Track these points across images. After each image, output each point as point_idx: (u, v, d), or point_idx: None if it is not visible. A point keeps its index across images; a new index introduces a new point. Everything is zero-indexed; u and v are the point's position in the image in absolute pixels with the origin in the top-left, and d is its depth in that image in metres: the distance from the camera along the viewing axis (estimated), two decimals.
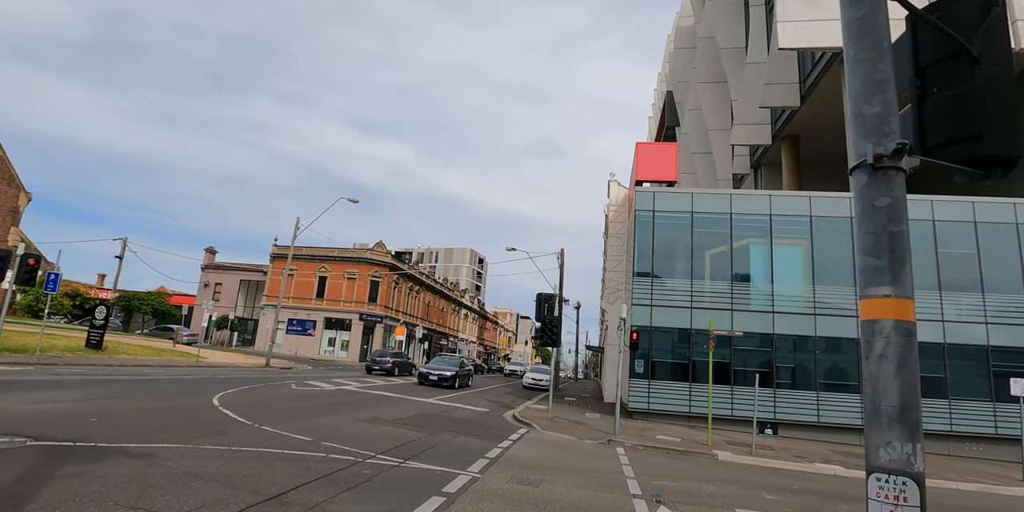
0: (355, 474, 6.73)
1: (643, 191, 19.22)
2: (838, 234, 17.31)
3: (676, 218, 18.65)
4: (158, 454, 6.65)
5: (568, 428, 14.54)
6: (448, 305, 73.13)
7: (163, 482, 5.55)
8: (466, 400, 19.65)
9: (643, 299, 18.33)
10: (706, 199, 18.82)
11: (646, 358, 18.02)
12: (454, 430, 11.71)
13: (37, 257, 17.51)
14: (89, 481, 5.34)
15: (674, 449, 12.50)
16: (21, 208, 35.15)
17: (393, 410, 13.95)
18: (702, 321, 17.19)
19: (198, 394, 12.84)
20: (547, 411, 17.88)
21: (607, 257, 31.84)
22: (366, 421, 11.43)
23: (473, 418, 14.58)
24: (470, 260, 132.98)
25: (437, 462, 8.00)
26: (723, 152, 29.41)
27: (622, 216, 29.01)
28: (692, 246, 18.25)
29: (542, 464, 8.98)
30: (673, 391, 17.82)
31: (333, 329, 50.31)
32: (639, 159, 20.25)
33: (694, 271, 18.12)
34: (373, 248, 52.79)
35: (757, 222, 18.04)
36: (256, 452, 7.32)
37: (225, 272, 56.24)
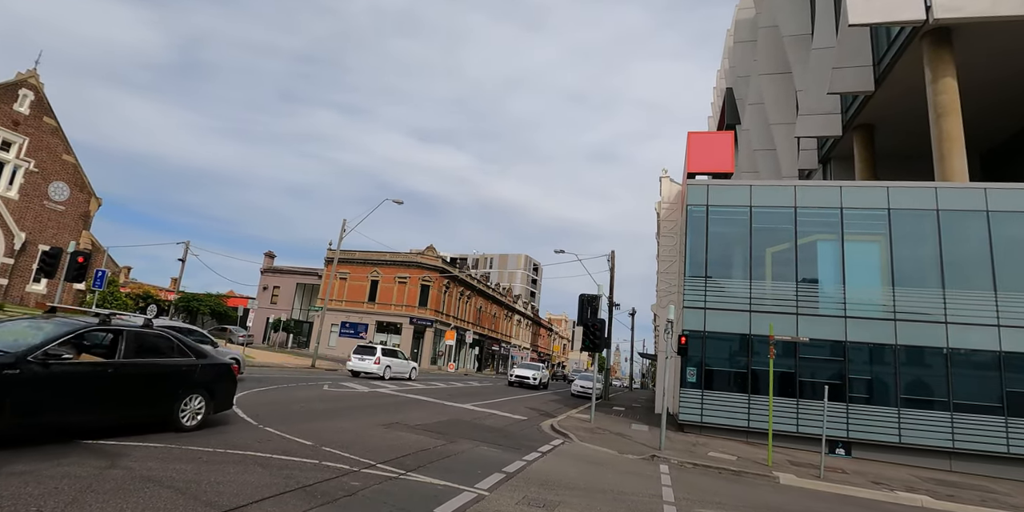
0: (339, 486, 5.87)
1: (696, 184, 17.70)
2: (922, 229, 15.25)
3: (733, 213, 17.02)
4: (130, 454, 6.02)
5: (609, 440, 13.27)
6: (501, 311, 72.46)
7: (111, 486, 4.86)
8: (505, 406, 18.66)
9: (696, 302, 16.80)
10: (766, 192, 17.10)
11: (699, 366, 16.46)
12: (479, 439, 10.74)
13: (86, 254, 17.88)
14: (31, 482, 4.72)
15: (727, 469, 11.03)
16: (92, 213, 37.09)
17: (420, 415, 13.13)
18: (763, 326, 15.51)
19: None
20: (589, 421, 16.62)
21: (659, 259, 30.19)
22: (383, 426, 10.64)
23: (505, 426, 13.56)
24: (524, 266, 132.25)
25: (443, 475, 7.04)
26: (788, 147, 27.28)
27: (674, 214, 27.36)
28: (751, 243, 16.57)
29: (566, 483, 7.85)
30: (730, 403, 16.18)
31: (384, 332, 50.53)
32: (691, 150, 18.73)
33: (753, 271, 16.43)
34: (423, 252, 52.84)
35: (826, 216, 16.17)
36: (241, 456, 6.60)
37: (283, 275, 57.78)
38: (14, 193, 32.95)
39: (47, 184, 34.66)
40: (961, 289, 14.82)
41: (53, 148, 34.96)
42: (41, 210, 34.34)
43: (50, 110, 34.83)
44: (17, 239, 32.56)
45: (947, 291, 14.87)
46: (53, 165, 34.94)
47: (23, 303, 32.92)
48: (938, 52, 16.46)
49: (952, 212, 15.22)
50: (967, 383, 14.53)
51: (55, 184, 35.13)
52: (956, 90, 16.30)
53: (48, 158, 34.64)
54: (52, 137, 34.87)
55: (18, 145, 33.09)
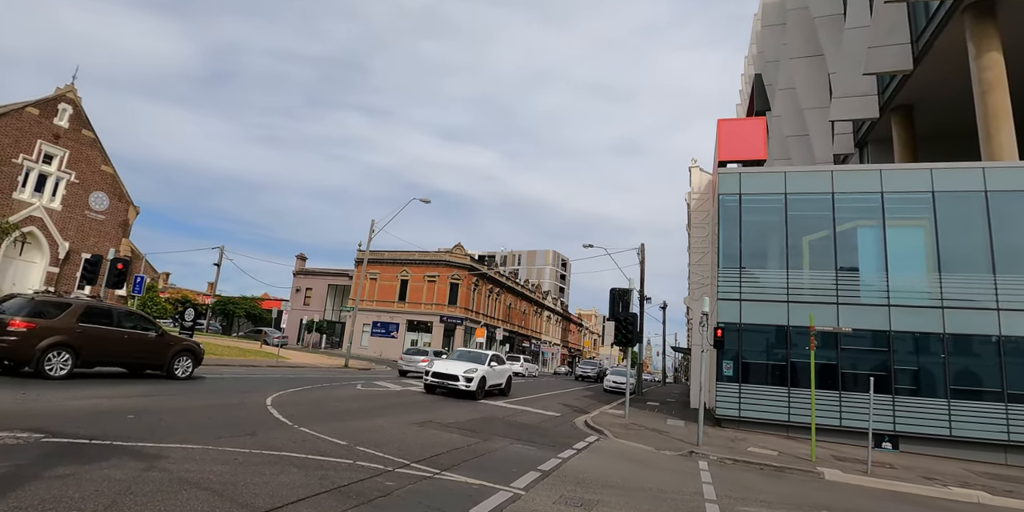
0: (375, 486, 5.82)
1: (727, 172, 17.24)
2: (969, 212, 14.56)
3: (767, 201, 16.52)
4: (169, 455, 6.08)
5: (645, 436, 13.03)
6: (530, 307, 72.36)
7: (149, 489, 4.89)
8: (538, 403, 18.54)
9: (731, 293, 16.38)
10: (801, 178, 16.54)
11: (735, 359, 16.06)
12: (512, 436, 10.64)
13: (125, 261, 18.38)
14: (71, 485, 4.77)
15: (769, 465, 10.70)
16: (131, 221, 38.22)
17: (452, 413, 13.10)
18: (801, 317, 15.03)
19: (256, 392, 12.63)
20: (624, 416, 16.38)
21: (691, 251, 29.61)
22: (417, 424, 10.62)
23: (539, 423, 13.44)
24: (553, 262, 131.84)
25: (478, 474, 6.95)
26: (821, 132, 26.39)
27: (705, 204, 26.78)
28: (787, 232, 16.06)
29: (604, 480, 7.69)
30: (768, 396, 15.76)
31: (415, 331, 50.96)
32: (722, 137, 18.23)
33: (790, 260, 15.93)
34: (452, 251, 53.05)
35: (865, 201, 15.56)
36: (276, 456, 6.62)
37: (315, 277, 58.75)
38: (57, 204, 34.15)
39: (87, 194, 35.82)
40: (1013, 274, 14.11)
41: (92, 159, 36.10)
42: (83, 220, 35.52)
43: (88, 123, 35.95)
44: (61, 248, 33.76)
45: (998, 276, 14.17)
46: (92, 176, 36.09)
47: None
48: (981, 25, 15.67)
49: (1001, 193, 14.48)
50: (1022, 372, 13.84)
51: (95, 194, 36.29)
52: (1002, 64, 15.50)
53: (88, 169, 35.79)
54: (91, 149, 36.00)
55: (59, 158, 34.27)
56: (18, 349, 10.78)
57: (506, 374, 20.06)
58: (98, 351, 12.08)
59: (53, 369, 11.23)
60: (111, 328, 12.40)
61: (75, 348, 11.55)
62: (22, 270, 32.48)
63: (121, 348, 12.61)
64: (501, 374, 19.56)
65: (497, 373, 19.13)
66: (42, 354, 11.00)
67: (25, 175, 32.44)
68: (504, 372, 19.92)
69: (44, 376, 11.04)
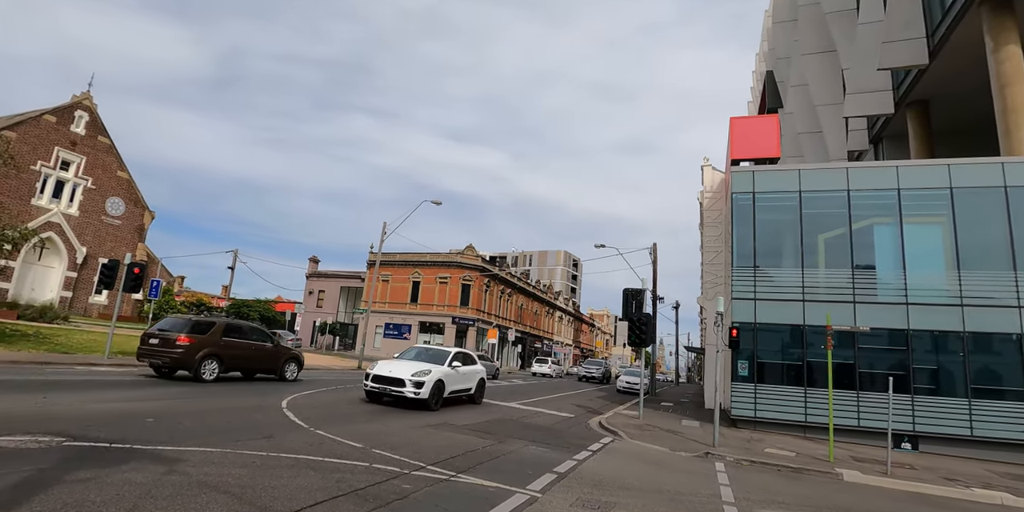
0: (391, 489, 5.83)
1: (740, 171, 17.09)
2: (989, 208, 14.30)
3: (781, 199, 16.36)
4: (188, 459, 6.13)
5: (660, 437, 12.95)
6: (542, 308, 72.30)
7: (169, 492, 4.93)
8: (551, 404, 18.50)
9: (745, 292, 16.24)
10: (816, 175, 16.36)
11: (751, 359, 15.92)
12: (527, 438, 10.62)
13: (141, 266, 18.60)
14: (93, 488, 4.82)
15: (787, 466, 10.59)
16: (146, 225, 38.70)
17: (467, 415, 13.11)
18: (817, 316, 14.87)
19: (271, 395, 12.72)
20: (638, 417, 16.30)
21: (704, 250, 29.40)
22: (432, 426, 10.64)
23: (553, 424, 13.41)
24: (564, 262, 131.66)
25: (494, 476, 6.94)
26: (835, 129, 26.11)
27: (718, 203, 26.58)
28: (801, 230, 15.90)
29: (620, 482, 7.64)
30: (784, 397, 15.61)
31: (428, 332, 51.08)
32: (734, 136, 18.09)
33: (805, 259, 15.76)
34: (463, 252, 53.14)
35: (881, 198, 15.36)
36: (293, 459, 6.65)
37: (327, 280, 59.11)
38: (74, 210, 34.65)
39: (104, 200, 36.32)
40: None
41: (108, 166, 36.61)
42: (100, 225, 36.02)
43: (104, 129, 36.47)
44: (79, 253, 34.25)
45: (1019, 273, 13.92)
46: (109, 182, 36.60)
47: (87, 314, 34.62)
48: (999, 18, 15.42)
49: (1022, 188, 14.22)
50: None
51: (111, 200, 36.79)
52: (1020, 58, 15.23)
53: (104, 175, 36.30)
54: (107, 155, 36.51)
55: (76, 164, 34.78)
56: (183, 359, 13.58)
57: (476, 377, 15.91)
58: (235, 359, 14.90)
59: (206, 374, 13.94)
60: (243, 341, 15.32)
61: (221, 358, 14.35)
62: (41, 275, 33.00)
63: (250, 357, 15.47)
64: (468, 377, 15.38)
65: (462, 376, 14.93)
66: (199, 362, 13.78)
67: (43, 181, 32.97)
68: (472, 374, 15.70)
69: (200, 380, 13.77)
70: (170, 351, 13.55)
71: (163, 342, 13.73)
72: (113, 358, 17.00)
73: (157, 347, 13.80)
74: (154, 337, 13.96)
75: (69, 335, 20.38)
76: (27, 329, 19.92)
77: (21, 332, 18.88)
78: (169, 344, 13.62)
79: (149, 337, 14.08)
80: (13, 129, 30.89)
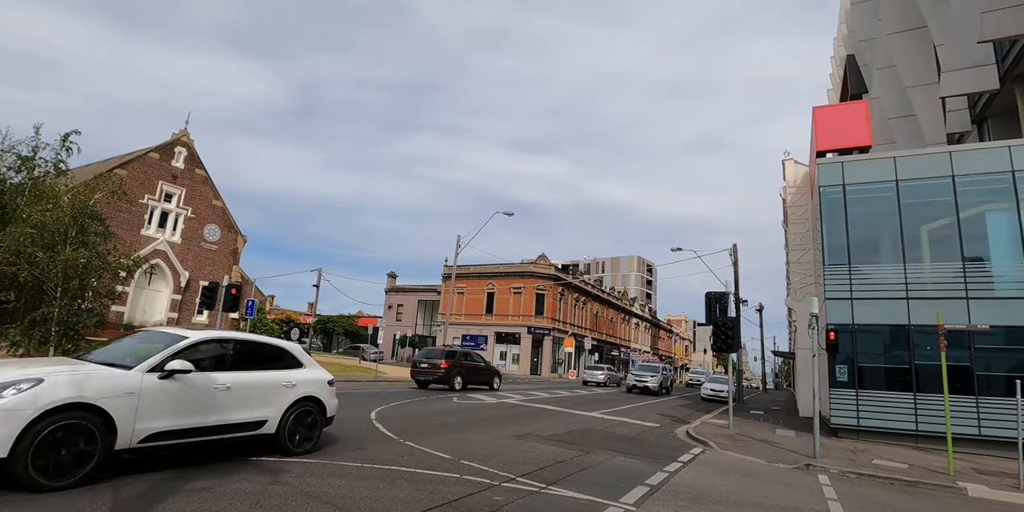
0: (484, 501, 5.83)
1: (828, 162, 16.06)
2: None
3: (875, 190, 15.21)
4: (290, 470, 6.42)
5: (753, 448, 12.28)
6: (617, 315, 71.06)
7: (276, 502, 5.17)
8: (634, 413, 18.02)
9: (840, 292, 15.20)
10: (915, 162, 15.09)
11: (850, 363, 14.84)
12: (613, 448, 10.36)
13: (237, 287, 19.91)
14: (209, 498, 5.13)
15: (900, 479, 9.72)
16: (239, 249, 41.50)
17: (549, 425, 12.99)
18: (924, 314, 13.66)
19: (360, 407, 13.16)
20: (727, 427, 15.55)
21: (788, 248, 27.87)
22: (516, 437, 10.61)
23: (638, 434, 13.03)
24: (637, 267, 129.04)
25: (585, 489, 6.80)
26: (930, 111, 24.06)
27: (803, 198, 25.16)
28: (901, 222, 14.68)
29: (717, 496, 7.28)
30: (890, 403, 14.41)
31: (503, 343, 51.41)
32: (818, 126, 17.04)
33: (907, 253, 14.54)
34: (536, 261, 53.24)
35: (994, 182, 13.93)
36: (387, 471, 6.81)
37: (405, 294, 60.90)
38: (177, 237, 37.73)
39: (202, 227, 39.31)
40: None
41: (205, 195, 39.65)
42: (199, 250, 38.99)
43: (200, 162, 39.59)
44: (183, 277, 37.20)
45: None
46: (206, 210, 39.61)
47: None
48: None
49: None
50: None
51: (209, 226, 39.76)
52: None
53: (201, 204, 39.33)
54: (203, 186, 39.57)
55: (177, 195, 37.93)
56: (445, 377, 20.64)
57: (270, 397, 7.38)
58: (469, 374, 21.92)
59: (454, 386, 20.82)
60: (471, 363, 22.64)
61: (462, 374, 21.34)
62: (151, 298, 36.08)
63: (476, 372, 22.56)
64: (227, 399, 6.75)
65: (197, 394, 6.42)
66: (452, 377, 20.81)
67: (150, 213, 36.17)
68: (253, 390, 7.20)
69: (452, 390, 20.53)
70: (436, 371, 20.66)
71: (430, 366, 20.90)
72: None
73: (426, 369, 20.91)
74: (423, 363, 21.23)
75: None
76: None
77: None
78: (435, 367, 20.77)
79: (419, 363, 21.39)
80: (124, 167, 34.16)
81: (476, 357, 23.86)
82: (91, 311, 18.42)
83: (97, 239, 18.53)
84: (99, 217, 19.06)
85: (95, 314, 18.59)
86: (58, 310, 16.60)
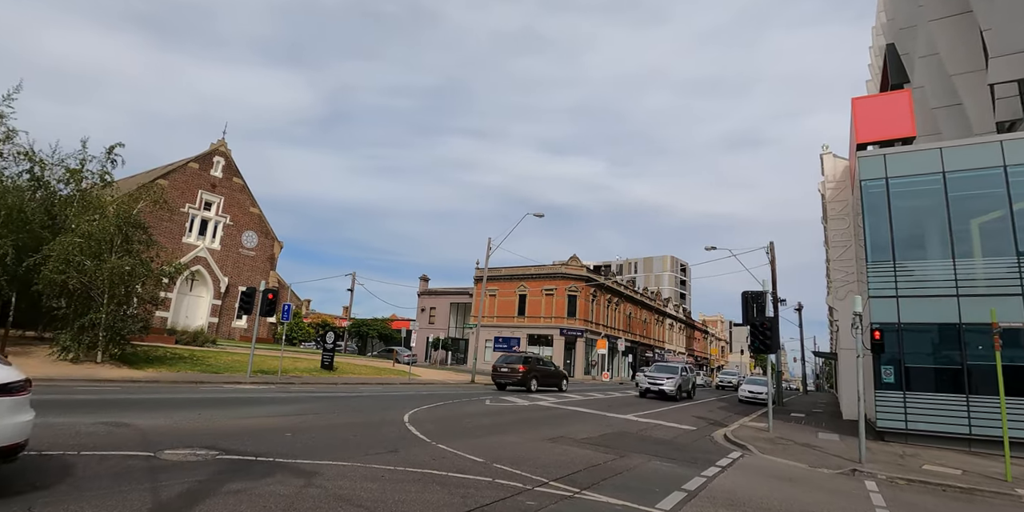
0: (516, 506, 5.75)
1: (869, 155, 15.47)
2: None
3: (920, 183, 14.59)
4: (324, 472, 6.46)
5: (795, 452, 11.87)
6: (651, 315, 70.12)
7: (309, 505, 5.19)
8: (670, 416, 17.68)
9: (884, 290, 14.61)
10: (962, 153, 14.39)
11: (896, 363, 14.24)
12: (649, 452, 10.15)
13: (274, 292, 20.33)
14: (244, 500, 5.19)
15: (952, 486, 9.25)
16: (276, 255, 42.45)
17: (583, 428, 12.83)
18: (976, 312, 13.01)
19: (393, 410, 13.24)
20: (767, 430, 15.11)
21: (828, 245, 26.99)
22: (550, 440, 10.49)
23: (674, 437, 12.75)
24: (671, 267, 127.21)
25: (619, 494, 6.65)
26: (978, 98, 22.97)
27: (843, 194, 24.34)
28: (948, 216, 14.03)
29: (759, 503, 7.03)
30: (940, 405, 13.77)
31: (536, 345, 51.23)
32: (858, 117, 16.44)
33: (956, 248, 13.88)
34: (568, 263, 52.95)
35: None
36: (420, 474, 6.79)
37: (437, 297, 61.34)
38: (216, 244, 38.83)
39: (240, 234, 40.37)
40: None
41: (242, 203, 40.72)
42: (238, 257, 40.05)
43: (237, 171, 40.70)
44: (222, 283, 38.25)
45: None
46: (243, 217, 40.68)
47: (230, 337, 38.43)
48: None
49: None
50: None
51: (246, 233, 40.81)
52: None
53: (239, 212, 40.41)
54: (240, 194, 40.65)
55: (216, 204, 39.05)
56: (523, 379, 23.75)
57: None
58: (543, 377, 24.98)
59: (530, 387, 23.89)
60: (543, 367, 25.72)
61: (537, 377, 24.39)
62: (193, 304, 37.21)
63: (547, 376, 25.41)
64: None
65: None
66: (529, 380, 23.94)
67: (191, 221, 37.34)
68: None
69: (529, 391, 23.63)
70: (514, 375, 23.83)
71: (510, 370, 24.08)
72: (254, 377, 18.64)
73: (506, 373, 24.09)
74: (503, 367, 24.38)
75: (217, 357, 22.67)
76: (183, 352, 22.42)
77: (179, 355, 21.27)
78: (513, 371, 23.94)
79: (499, 367, 24.55)
80: (165, 178, 35.38)
81: (547, 362, 26.90)
82: (136, 317, 19.09)
83: (140, 247, 19.21)
84: (142, 226, 19.76)
85: (140, 319, 19.27)
86: (105, 316, 17.25)
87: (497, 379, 24.18)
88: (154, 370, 17.56)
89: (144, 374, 16.41)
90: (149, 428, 8.36)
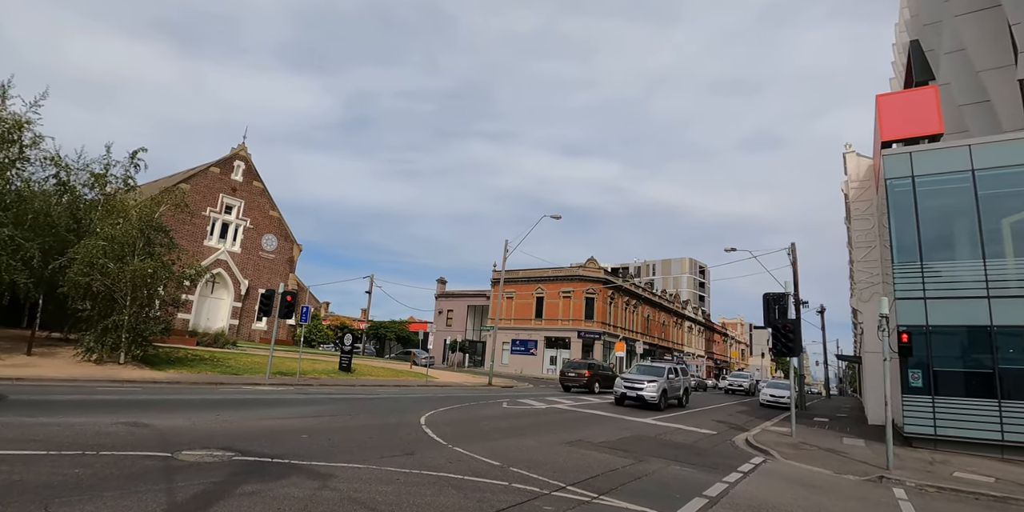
0: (532, 511, 5.64)
1: (894, 153, 15.09)
2: None
3: (948, 181, 14.18)
4: (338, 475, 6.42)
5: (819, 458, 11.58)
6: (669, 318, 69.43)
7: (324, 508, 5.14)
8: (690, 420, 17.41)
9: (911, 291, 14.22)
10: (992, 150, 13.96)
11: (924, 367, 13.84)
12: (668, 457, 9.97)
13: (293, 294, 20.47)
14: (258, 502, 5.16)
15: (985, 494, 8.92)
16: (295, 258, 42.87)
17: (601, 431, 12.67)
18: (1009, 314, 12.61)
19: (410, 412, 13.21)
20: (790, 435, 14.78)
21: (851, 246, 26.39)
22: (567, 444, 10.36)
23: (694, 442, 12.53)
24: (689, 269, 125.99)
25: (638, 499, 6.50)
26: (1007, 94, 22.33)
27: (867, 193, 23.81)
28: (978, 215, 13.61)
29: (782, 510, 6.83)
30: (971, 411, 13.35)
31: (553, 348, 51.04)
32: (882, 115, 16.05)
33: (986, 248, 13.46)
34: (585, 265, 52.68)
35: None
36: (435, 477, 6.72)
37: (454, 299, 61.43)
38: (237, 247, 39.33)
39: (260, 237, 40.84)
40: None
41: (262, 206, 41.21)
42: (258, 260, 40.51)
43: (257, 175, 41.21)
44: (243, 286, 38.72)
45: None
46: (263, 221, 41.15)
47: (250, 339, 38.86)
48: None
49: None
50: None
51: (266, 236, 41.27)
52: None
53: (259, 215, 40.89)
54: (260, 198, 41.15)
55: (237, 207, 39.56)
56: (588, 383, 27.02)
57: None
58: (603, 381, 27.63)
59: (594, 390, 26.90)
60: (603, 373, 28.48)
61: (600, 381, 27.47)
62: (214, 306, 37.71)
63: (606, 380, 27.79)
64: None
65: None
66: (593, 383, 27.16)
67: (212, 225, 37.87)
68: None
69: (592, 392, 26.57)
70: (580, 379, 27.12)
71: (576, 375, 27.31)
72: (273, 378, 18.77)
73: (574, 377, 27.32)
74: (570, 372, 27.68)
75: (237, 358, 22.89)
76: (204, 354, 22.69)
77: (200, 357, 21.52)
78: (580, 376, 27.23)
79: (567, 372, 27.85)
80: (187, 182, 35.94)
81: (606, 367, 30.33)
82: (158, 319, 19.36)
83: (162, 250, 19.48)
84: (164, 229, 20.05)
85: (161, 321, 19.54)
86: (128, 318, 17.51)
87: (564, 382, 27.56)
88: (175, 371, 17.78)
89: (165, 375, 16.61)
90: (167, 429, 8.41)
